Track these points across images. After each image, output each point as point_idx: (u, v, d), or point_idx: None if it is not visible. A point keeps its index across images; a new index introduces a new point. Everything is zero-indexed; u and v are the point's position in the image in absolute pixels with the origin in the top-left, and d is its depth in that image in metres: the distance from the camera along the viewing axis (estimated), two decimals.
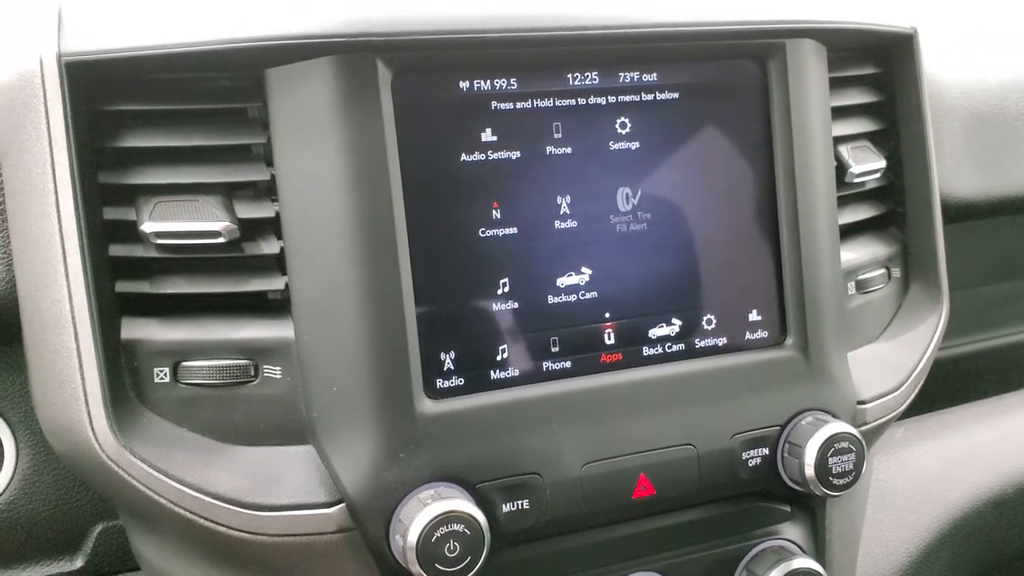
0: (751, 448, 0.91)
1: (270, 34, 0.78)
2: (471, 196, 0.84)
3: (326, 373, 0.81)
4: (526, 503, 0.84)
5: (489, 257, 0.85)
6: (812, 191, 0.93)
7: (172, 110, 0.81)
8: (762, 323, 0.93)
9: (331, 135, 0.79)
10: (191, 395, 0.82)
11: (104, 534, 0.96)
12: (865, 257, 1.06)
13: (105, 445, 0.79)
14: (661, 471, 0.88)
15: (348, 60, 0.79)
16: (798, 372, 0.93)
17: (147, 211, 0.80)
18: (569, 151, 0.87)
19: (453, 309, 0.84)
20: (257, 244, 0.82)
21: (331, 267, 0.80)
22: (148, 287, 0.82)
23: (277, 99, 0.80)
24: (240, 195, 0.82)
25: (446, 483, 0.82)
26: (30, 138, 0.79)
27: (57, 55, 0.78)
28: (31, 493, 0.93)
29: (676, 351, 0.91)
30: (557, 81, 0.86)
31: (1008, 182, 1.24)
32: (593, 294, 0.88)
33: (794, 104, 0.92)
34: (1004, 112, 1.25)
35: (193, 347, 0.82)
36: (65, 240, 0.78)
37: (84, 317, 0.78)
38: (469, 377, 0.85)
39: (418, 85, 0.82)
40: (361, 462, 0.80)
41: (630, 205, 0.89)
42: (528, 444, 0.84)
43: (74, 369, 0.79)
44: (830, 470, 0.90)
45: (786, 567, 0.93)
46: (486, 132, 0.84)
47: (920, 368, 1.05)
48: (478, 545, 0.79)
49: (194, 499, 0.80)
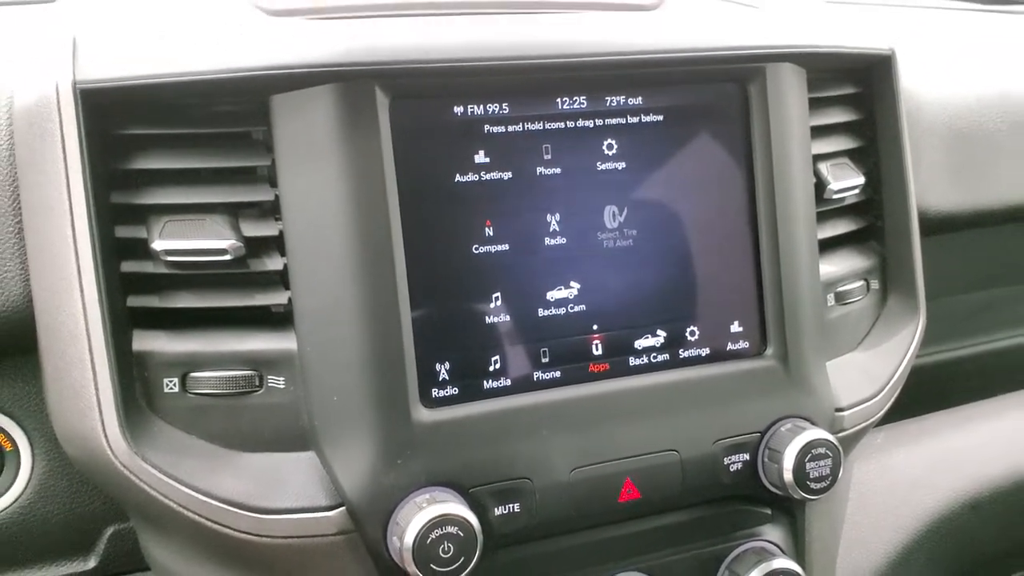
0: (732, 454, 0.95)
1: (274, 63, 0.82)
2: (465, 214, 0.88)
3: (327, 383, 0.85)
4: (517, 506, 0.88)
5: (482, 272, 0.89)
6: (791, 208, 0.97)
7: (181, 134, 0.85)
8: (743, 334, 0.98)
9: (332, 157, 0.83)
10: (199, 404, 0.86)
11: (115, 536, 1.00)
12: (844, 270, 1.10)
13: (117, 451, 0.82)
14: (646, 476, 0.92)
15: (348, 87, 0.83)
16: (778, 381, 0.97)
17: (157, 229, 0.84)
18: (558, 171, 0.91)
19: (448, 322, 0.88)
20: (262, 261, 0.86)
21: (332, 282, 0.84)
22: (158, 301, 0.86)
23: (281, 124, 0.84)
24: (245, 214, 0.86)
25: (441, 487, 0.85)
26: (47, 160, 0.83)
27: (72, 83, 0.82)
28: (46, 497, 0.96)
29: (661, 361, 0.95)
30: (547, 105, 0.90)
31: (986, 195, 1.28)
32: (582, 307, 0.92)
33: (774, 125, 0.96)
34: (982, 128, 1.29)
35: (201, 358, 0.85)
36: (80, 257, 0.82)
37: (98, 330, 0.82)
38: (463, 386, 0.89)
39: (414, 110, 0.85)
40: (360, 468, 0.84)
41: (617, 222, 0.93)
42: (519, 450, 0.88)
43: (88, 379, 0.82)
44: (808, 474, 0.94)
45: (766, 567, 0.97)
46: (479, 154, 0.88)
47: (897, 376, 1.09)
48: (471, 546, 0.82)
49: (202, 503, 0.84)
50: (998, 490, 1.25)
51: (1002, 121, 1.29)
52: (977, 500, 1.24)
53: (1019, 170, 1.30)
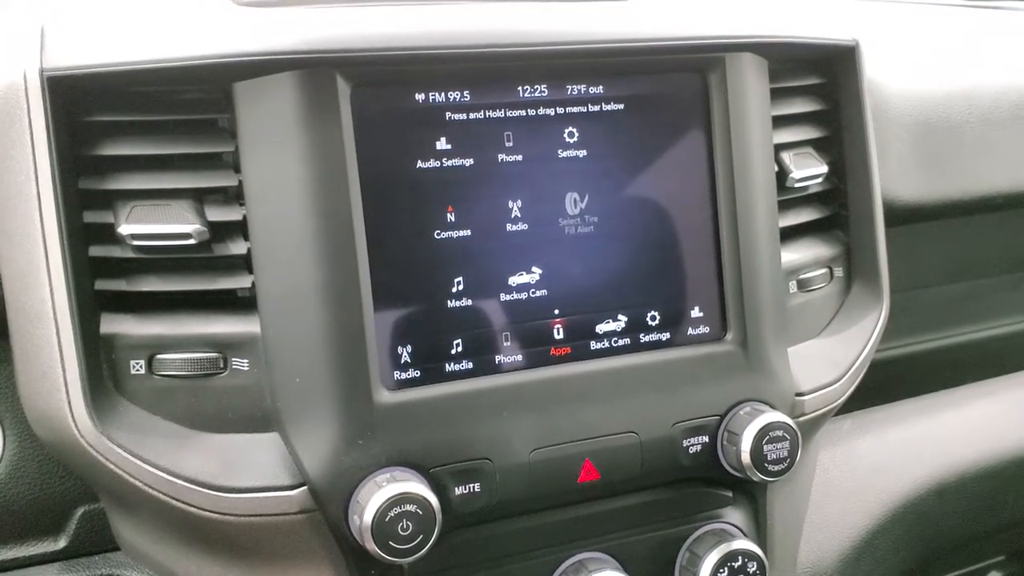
0: (692, 436, 0.97)
1: (237, 50, 0.84)
2: (427, 200, 0.89)
3: (290, 365, 0.87)
4: (477, 486, 0.90)
5: (444, 257, 0.90)
6: (750, 195, 0.99)
7: (147, 121, 0.86)
8: (703, 319, 0.99)
9: (294, 144, 0.85)
10: (165, 386, 0.88)
11: (86, 516, 1.01)
12: (807, 257, 1.12)
13: (84, 432, 0.84)
14: (605, 457, 0.94)
15: (309, 75, 0.84)
16: (737, 365, 0.99)
17: (124, 214, 0.86)
18: (520, 159, 0.93)
19: (410, 306, 0.90)
20: (226, 245, 0.88)
21: (294, 266, 0.86)
22: (125, 285, 0.88)
23: (244, 111, 0.86)
24: (210, 199, 0.88)
25: (401, 468, 0.87)
26: (15, 147, 0.84)
27: (40, 70, 0.83)
28: (17, 478, 0.98)
29: (622, 345, 0.97)
30: (508, 93, 0.92)
31: (952, 186, 1.30)
32: (543, 292, 0.94)
33: (733, 114, 0.98)
34: (949, 120, 1.30)
35: (167, 341, 0.87)
36: (48, 242, 0.84)
37: (65, 313, 0.84)
38: (425, 369, 0.90)
39: (376, 97, 0.87)
40: (322, 448, 0.86)
41: (578, 209, 0.95)
42: (480, 431, 0.90)
43: (56, 361, 0.84)
44: (765, 456, 0.96)
45: (726, 548, 0.98)
46: (441, 141, 0.90)
47: (859, 363, 1.11)
48: (430, 524, 0.84)
49: (167, 482, 0.85)
50: (963, 477, 1.27)
51: (970, 114, 1.31)
52: (943, 486, 1.25)
53: (985, 162, 1.32)
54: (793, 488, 1.10)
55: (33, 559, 1.00)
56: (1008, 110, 1.34)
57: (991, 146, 1.33)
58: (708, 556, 0.98)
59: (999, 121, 1.34)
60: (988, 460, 1.28)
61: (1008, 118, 1.34)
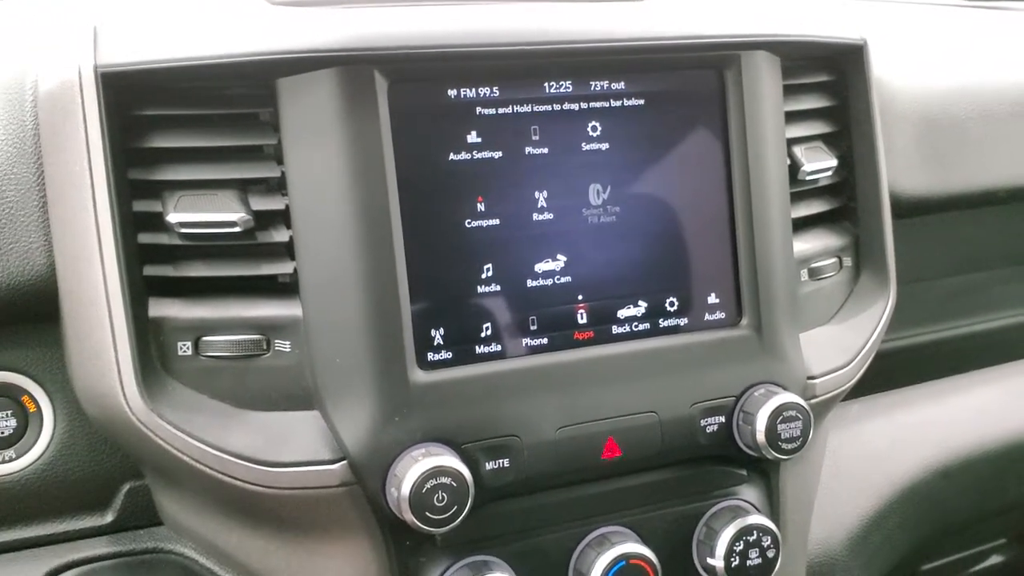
0: (709, 416, 1.01)
1: (280, 48, 0.88)
2: (458, 191, 0.94)
3: (330, 347, 0.91)
4: (506, 462, 0.94)
5: (475, 245, 0.95)
6: (765, 187, 1.03)
7: (194, 115, 0.90)
8: (720, 305, 1.04)
9: (334, 137, 0.89)
10: (211, 366, 0.92)
11: (131, 492, 1.04)
12: (818, 247, 1.16)
13: (135, 409, 0.88)
14: (627, 435, 0.98)
15: (349, 71, 0.89)
16: (752, 349, 1.03)
17: (172, 204, 0.90)
18: (546, 151, 0.97)
19: (443, 291, 0.94)
20: (269, 233, 0.92)
21: (334, 253, 0.90)
22: (172, 271, 0.92)
23: (287, 105, 0.90)
24: (254, 190, 0.92)
25: (436, 443, 0.91)
26: (70, 139, 0.88)
27: (94, 67, 0.87)
28: (67, 455, 1.02)
29: (642, 329, 1.01)
30: (535, 89, 0.96)
31: (955, 180, 1.34)
32: (568, 278, 0.98)
33: (748, 109, 1.02)
34: (953, 116, 1.34)
35: (212, 324, 0.91)
36: (100, 229, 0.88)
37: (117, 297, 0.88)
38: (457, 351, 0.95)
39: (411, 93, 0.91)
40: (361, 425, 0.90)
41: (601, 199, 0.99)
42: (508, 410, 0.94)
43: (108, 343, 0.88)
44: (779, 435, 1.00)
45: (741, 523, 1.02)
46: (471, 134, 0.94)
47: (867, 348, 1.15)
48: (463, 496, 0.88)
49: (214, 456, 0.89)
50: (968, 459, 1.31)
51: (972, 110, 1.35)
52: (948, 469, 1.30)
53: (987, 157, 1.36)
54: (804, 467, 1.15)
55: (83, 532, 1.04)
56: (1008, 107, 1.39)
57: (992, 142, 1.37)
58: (724, 531, 1.02)
59: (1000, 118, 1.38)
60: (992, 443, 1.33)
61: (1008, 115, 1.39)
